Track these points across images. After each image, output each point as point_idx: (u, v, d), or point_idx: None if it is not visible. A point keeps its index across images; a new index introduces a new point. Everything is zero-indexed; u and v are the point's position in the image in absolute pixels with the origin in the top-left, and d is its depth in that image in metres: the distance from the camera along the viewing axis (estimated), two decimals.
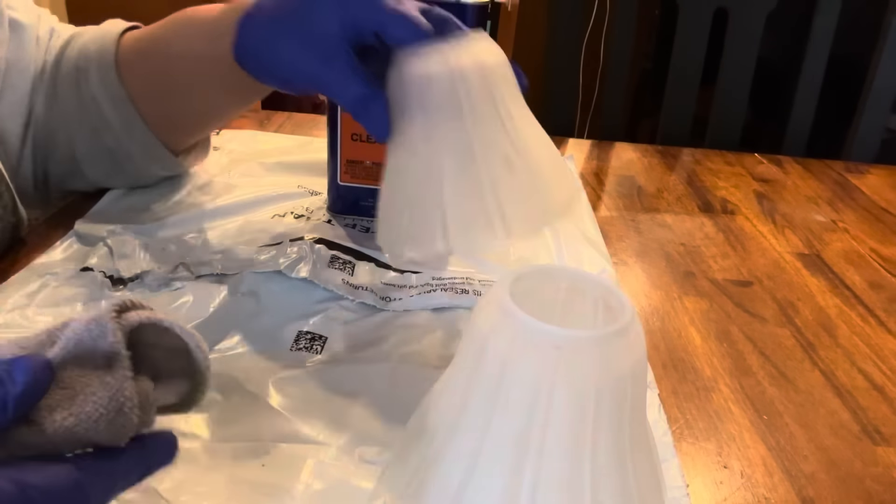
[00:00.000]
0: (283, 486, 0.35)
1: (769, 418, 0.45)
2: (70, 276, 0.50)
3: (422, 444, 0.32)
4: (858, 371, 0.50)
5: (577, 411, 0.28)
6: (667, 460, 0.40)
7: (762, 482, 0.40)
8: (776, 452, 0.42)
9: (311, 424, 0.39)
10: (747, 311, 0.56)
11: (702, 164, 0.87)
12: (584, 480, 0.28)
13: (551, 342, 0.28)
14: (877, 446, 0.44)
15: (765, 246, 0.68)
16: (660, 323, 0.54)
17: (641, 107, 1.91)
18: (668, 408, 0.45)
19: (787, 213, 0.75)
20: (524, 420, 0.28)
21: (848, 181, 0.86)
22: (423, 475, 0.31)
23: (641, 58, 1.76)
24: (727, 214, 0.74)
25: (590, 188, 0.77)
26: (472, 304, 0.51)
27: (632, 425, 0.29)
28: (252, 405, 0.41)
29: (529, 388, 0.28)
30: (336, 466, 0.37)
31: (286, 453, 0.37)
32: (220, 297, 0.49)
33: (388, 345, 0.47)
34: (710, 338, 0.53)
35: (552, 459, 0.28)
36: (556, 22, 1.01)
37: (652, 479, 0.31)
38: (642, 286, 0.59)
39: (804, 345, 0.53)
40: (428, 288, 0.52)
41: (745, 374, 0.49)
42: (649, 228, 0.69)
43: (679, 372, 0.49)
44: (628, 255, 0.64)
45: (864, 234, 0.72)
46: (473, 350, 0.30)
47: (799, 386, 0.48)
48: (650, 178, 0.81)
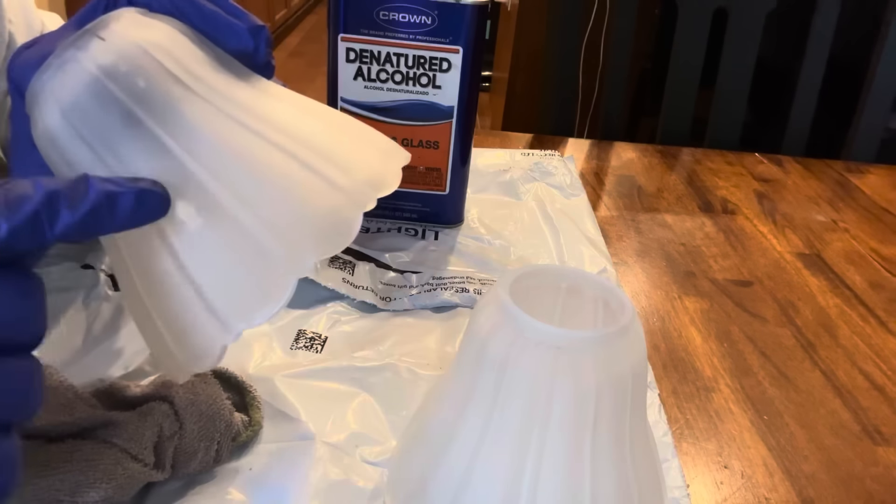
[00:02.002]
0: (283, 485, 0.35)
1: (769, 418, 0.45)
2: (70, 272, 0.50)
3: (422, 444, 0.32)
4: (859, 371, 0.50)
5: (577, 411, 0.28)
6: (667, 460, 0.40)
7: (762, 482, 0.40)
8: (776, 452, 0.42)
9: (310, 424, 0.39)
10: (748, 311, 0.56)
11: (702, 163, 0.87)
12: (584, 480, 0.28)
13: (551, 342, 0.28)
14: (877, 446, 0.44)
15: (765, 246, 0.67)
16: (660, 323, 0.54)
17: (641, 107, 1.91)
18: (669, 408, 0.45)
19: (788, 213, 0.75)
20: (524, 420, 0.28)
21: (848, 181, 0.86)
22: (424, 475, 0.31)
23: (641, 58, 1.75)
24: (727, 214, 0.74)
25: (590, 188, 0.77)
26: (472, 304, 0.51)
27: (632, 425, 0.29)
28: None
29: (529, 388, 0.28)
30: (336, 466, 0.37)
31: (286, 453, 0.37)
32: None
33: (388, 344, 0.47)
34: (711, 338, 0.52)
35: (552, 459, 0.28)
36: (556, 22, 1.01)
37: (652, 480, 0.31)
38: (642, 286, 0.59)
39: (804, 345, 0.53)
40: (428, 288, 0.52)
41: (746, 374, 0.49)
42: (649, 228, 0.69)
43: (679, 372, 0.48)
44: (628, 255, 0.64)
45: (864, 233, 0.72)
46: (473, 350, 0.30)
47: (799, 386, 0.48)
48: (650, 177, 0.81)
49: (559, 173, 0.73)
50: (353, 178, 0.31)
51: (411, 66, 0.55)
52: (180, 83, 0.29)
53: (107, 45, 0.28)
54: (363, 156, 0.33)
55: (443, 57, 0.54)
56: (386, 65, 0.55)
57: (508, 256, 0.58)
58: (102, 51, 0.27)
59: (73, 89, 0.27)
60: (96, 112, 0.27)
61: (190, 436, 0.34)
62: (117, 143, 0.28)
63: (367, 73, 0.55)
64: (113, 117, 0.27)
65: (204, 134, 0.29)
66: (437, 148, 0.58)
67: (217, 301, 0.28)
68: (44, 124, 0.28)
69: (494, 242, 0.60)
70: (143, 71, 0.28)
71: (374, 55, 0.54)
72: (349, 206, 0.30)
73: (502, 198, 0.68)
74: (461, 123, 0.57)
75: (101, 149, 0.28)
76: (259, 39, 0.32)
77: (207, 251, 0.28)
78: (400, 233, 0.59)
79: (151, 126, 0.28)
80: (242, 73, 0.31)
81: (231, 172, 0.29)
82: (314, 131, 0.32)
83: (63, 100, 0.27)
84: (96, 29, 0.28)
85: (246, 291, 0.29)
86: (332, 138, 0.32)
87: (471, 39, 0.54)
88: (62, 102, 0.27)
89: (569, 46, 1.02)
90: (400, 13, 0.53)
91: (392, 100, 0.56)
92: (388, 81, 0.55)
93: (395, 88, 0.56)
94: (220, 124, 0.29)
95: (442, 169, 0.59)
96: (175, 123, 0.28)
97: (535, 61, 1.92)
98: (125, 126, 0.28)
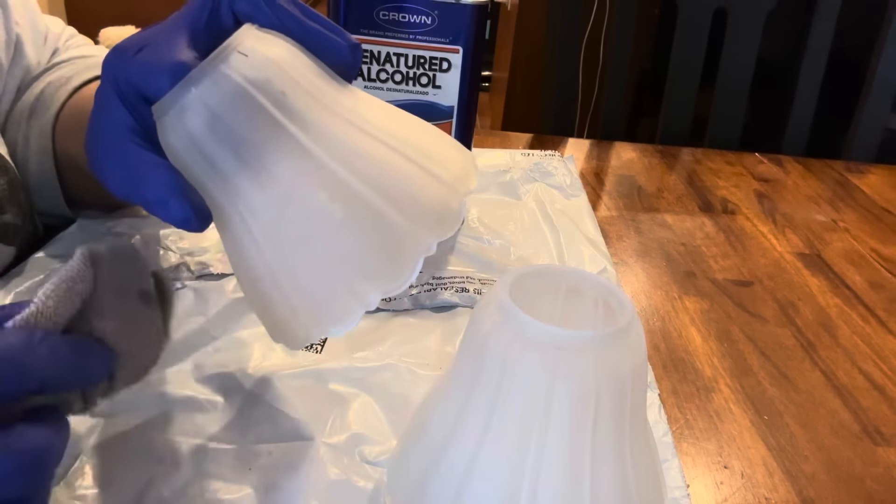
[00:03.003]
0: (284, 485, 0.35)
1: (769, 418, 0.45)
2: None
3: (422, 445, 0.32)
4: (859, 371, 0.50)
5: (577, 411, 0.28)
6: (667, 461, 0.40)
7: (763, 482, 0.40)
8: (777, 453, 0.42)
9: (310, 424, 0.39)
10: (748, 311, 0.56)
11: (702, 163, 0.87)
12: (584, 480, 0.28)
13: (551, 342, 0.28)
14: (877, 446, 0.44)
15: (765, 246, 0.67)
16: (660, 323, 0.54)
17: (641, 106, 1.91)
18: (669, 408, 0.45)
19: (788, 213, 0.75)
20: (524, 420, 0.28)
21: (848, 181, 0.86)
22: (424, 475, 0.31)
23: (641, 57, 1.76)
24: (727, 214, 0.74)
25: (590, 188, 0.77)
26: (472, 304, 0.51)
27: (632, 425, 0.29)
28: (252, 405, 0.40)
29: (529, 388, 0.28)
30: (336, 466, 0.37)
31: (286, 453, 0.37)
32: (221, 296, 0.49)
33: (388, 345, 0.47)
34: (711, 338, 0.52)
35: (552, 459, 0.28)
36: (556, 22, 1.01)
37: (652, 480, 0.31)
38: (642, 286, 0.59)
39: (804, 345, 0.53)
40: (428, 288, 0.52)
41: (746, 374, 0.49)
42: (649, 228, 0.69)
43: (679, 372, 0.48)
44: (628, 254, 0.64)
45: (864, 233, 0.72)
46: (473, 350, 0.30)
47: (799, 386, 0.48)
48: (650, 177, 0.81)
49: (559, 174, 0.73)
50: (451, 173, 0.35)
51: (411, 66, 0.55)
52: (308, 93, 0.33)
53: (250, 60, 0.31)
54: (450, 152, 0.37)
55: (443, 57, 0.54)
56: (386, 65, 0.55)
57: (508, 256, 0.58)
58: (247, 66, 0.31)
59: (223, 96, 0.31)
60: (244, 117, 0.31)
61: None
62: (262, 147, 0.32)
63: (367, 73, 0.55)
64: (260, 123, 0.31)
65: (334, 135, 0.33)
66: None
67: (357, 275, 0.33)
68: (188, 128, 0.31)
69: (494, 242, 0.60)
70: (283, 83, 0.32)
71: (374, 55, 0.54)
72: (453, 197, 0.35)
73: (502, 198, 0.69)
74: (461, 123, 0.57)
75: (245, 151, 0.32)
76: (357, 55, 0.35)
77: (346, 234, 0.33)
78: None
79: (294, 131, 0.32)
80: (340, 82, 0.35)
81: (360, 166, 0.33)
82: (410, 131, 0.36)
83: (213, 105, 0.31)
84: (235, 45, 0.32)
85: (382, 267, 0.33)
86: (425, 138, 0.37)
87: (471, 39, 0.54)
88: (212, 107, 0.31)
89: (569, 46, 1.02)
90: (400, 13, 0.53)
91: (392, 100, 0.56)
92: (388, 81, 0.55)
93: (395, 88, 0.56)
94: (342, 127, 0.33)
95: None
96: (311, 128, 0.32)
97: (535, 61, 1.92)
98: (271, 131, 0.31)
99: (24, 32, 0.56)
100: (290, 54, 0.33)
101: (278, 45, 0.33)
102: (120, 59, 0.34)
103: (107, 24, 2.23)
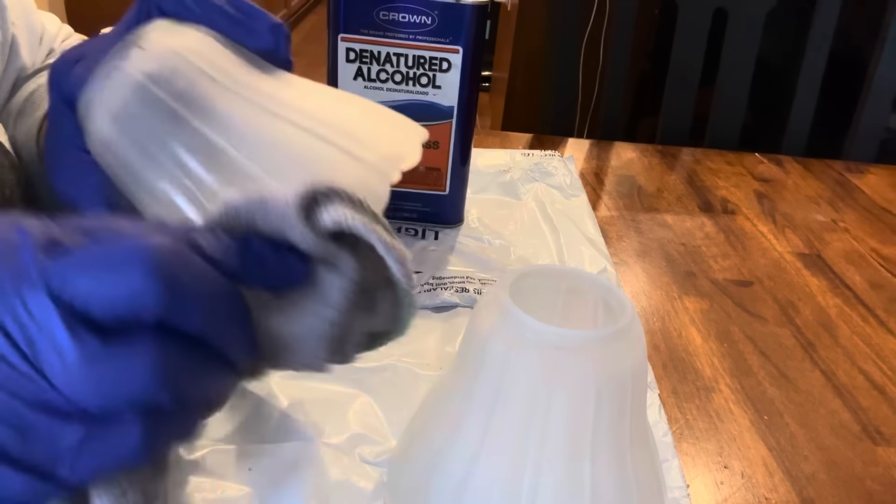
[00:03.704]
0: (284, 485, 0.35)
1: (769, 418, 0.45)
2: None
3: (422, 445, 0.32)
4: (859, 371, 0.50)
5: (577, 411, 0.28)
6: (667, 461, 0.40)
7: (763, 482, 0.40)
8: (777, 453, 0.42)
9: (310, 425, 0.39)
10: (748, 311, 0.56)
11: (702, 163, 0.87)
12: (584, 480, 0.28)
13: (551, 342, 0.28)
14: (877, 446, 0.44)
15: (765, 246, 0.67)
16: (660, 323, 0.54)
17: (641, 106, 1.90)
18: (669, 408, 0.45)
19: (788, 213, 0.75)
20: (524, 420, 0.28)
21: (848, 181, 0.86)
22: (424, 475, 0.31)
23: (641, 57, 1.75)
24: (727, 214, 0.74)
25: (590, 188, 0.77)
26: (472, 304, 0.51)
27: (632, 425, 0.29)
28: (252, 405, 0.40)
29: (529, 388, 0.28)
30: (336, 466, 0.37)
31: (286, 453, 0.37)
32: None
33: (388, 345, 0.47)
34: (711, 338, 0.52)
35: (552, 459, 0.28)
36: (556, 22, 1.01)
37: (652, 480, 0.31)
38: (642, 286, 0.59)
39: (804, 345, 0.53)
40: (428, 287, 0.52)
41: (746, 375, 0.49)
42: (649, 228, 0.69)
43: (679, 372, 0.48)
44: (628, 255, 0.64)
45: (864, 233, 0.72)
46: (473, 350, 0.30)
47: (799, 386, 0.48)
48: (650, 177, 0.81)
49: (559, 174, 0.73)
50: (375, 152, 0.34)
51: (411, 66, 0.55)
52: (213, 81, 0.32)
53: (147, 53, 0.31)
54: (382, 132, 0.36)
55: (443, 57, 0.54)
56: (386, 65, 0.55)
57: (508, 256, 0.58)
58: (144, 59, 0.31)
59: (122, 96, 0.30)
60: (144, 114, 0.30)
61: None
62: (165, 140, 0.31)
63: (367, 73, 0.55)
64: (160, 117, 0.30)
65: (240, 124, 0.32)
66: (437, 148, 0.58)
67: None
68: (98, 132, 0.31)
69: (494, 242, 0.60)
70: (182, 73, 0.31)
71: (374, 55, 0.54)
72: (374, 178, 0.33)
73: (502, 198, 0.68)
74: (461, 123, 0.57)
75: (152, 147, 0.31)
76: (278, 36, 0.35)
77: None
78: (400, 233, 0.59)
79: (192, 121, 0.31)
80: (266, 68, 0.34)
81: (260, 152, 0.32)
82: (336, 112, 0.35)
83: (114, 106, 0.30)
84: (135, 40, 0.31)
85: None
86: (352, 118, 0.36)
87: (471, 39, 0.54)
88: (113, 109, 0.30)
89: (569, 46, 1.02)
90: (400, 13, 0.53)
91: (392, 100, 0.56)
92: (388, 81, 0.55)
93: (395, 88, 0.56)
94: (252, 114, 0.32)
95: (442, 169, 0.59)
96: (212, 116, 0.31)
97: (535, 61, 1.91)
98: (171, 123, 0.31)
99: (20, 33, 0.56)
100: (201, 44, 0.32)
101: (187, 36, 0.32)
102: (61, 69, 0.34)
103: (107, 24, 2.22)
